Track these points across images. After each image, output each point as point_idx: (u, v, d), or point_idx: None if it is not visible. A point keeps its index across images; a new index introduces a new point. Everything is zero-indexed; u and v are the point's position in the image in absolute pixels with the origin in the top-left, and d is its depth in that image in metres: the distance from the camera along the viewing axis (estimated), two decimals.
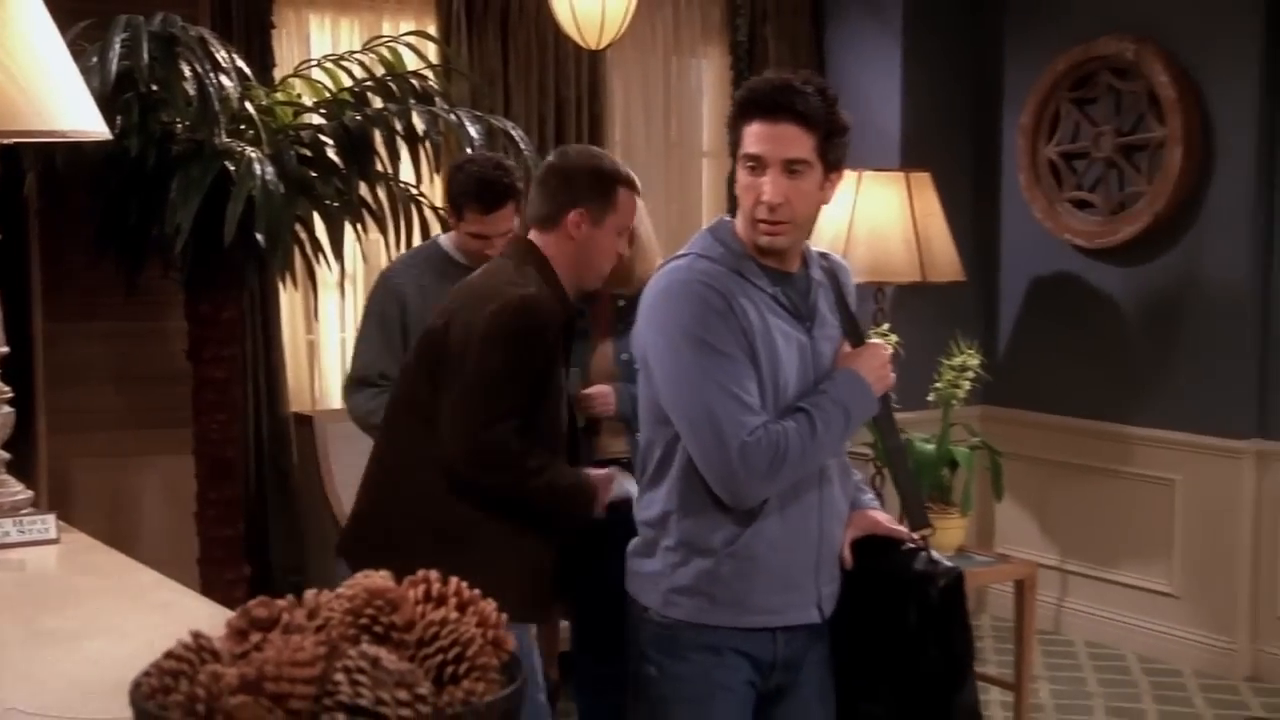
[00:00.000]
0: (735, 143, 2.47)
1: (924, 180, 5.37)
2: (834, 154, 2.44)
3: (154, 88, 3.92)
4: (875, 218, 5.27)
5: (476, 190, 3.56)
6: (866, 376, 2.51)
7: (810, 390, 2.48)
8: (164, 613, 2.38)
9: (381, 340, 3.67)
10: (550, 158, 3.06)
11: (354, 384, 3.74)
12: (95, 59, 3.75)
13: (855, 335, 2.61)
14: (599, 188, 2.94)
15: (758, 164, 2.42)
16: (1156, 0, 5.40)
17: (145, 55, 3.81)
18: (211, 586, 4.19)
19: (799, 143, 2.40)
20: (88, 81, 3.03)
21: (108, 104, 3.59)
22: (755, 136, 2.41)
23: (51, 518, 2.89)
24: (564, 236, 2.92)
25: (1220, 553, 5.32)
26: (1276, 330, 5.21)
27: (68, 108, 2.76)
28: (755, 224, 2.44)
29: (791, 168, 2.40)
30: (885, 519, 2.64)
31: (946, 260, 5.35)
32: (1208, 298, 5.33)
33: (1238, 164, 5.22)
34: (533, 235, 2.97)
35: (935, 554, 2.59)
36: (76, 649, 2.22)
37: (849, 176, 5.25)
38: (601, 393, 3.57)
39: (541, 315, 2.87)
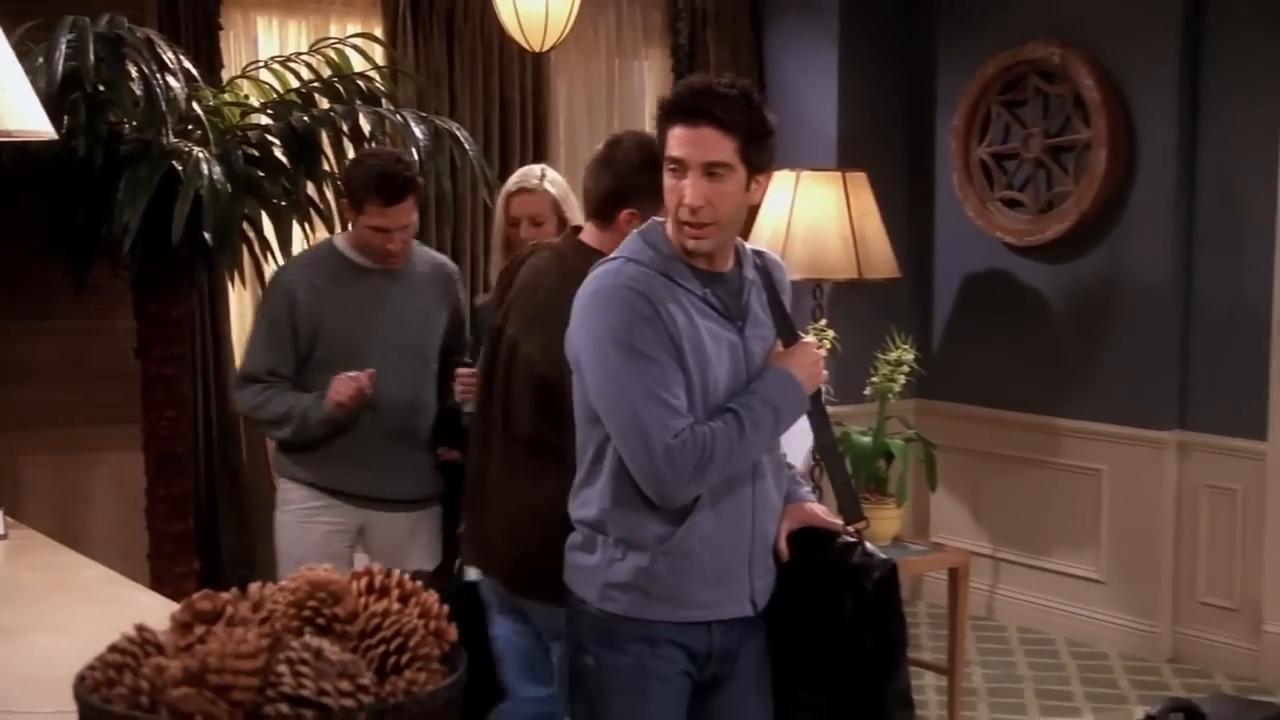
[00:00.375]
0: (661, 146, 2.46)
1: (860, 180, 5.40)
2: (757, 156, 2.43)
3: (101, 88, 3.86)
4: (813, 216, 5.30)
5: (378, 183, 3.50)
6: (797, 375, 2.50)
7: (741, 390, 2.48)
8: (111, 607, 2.36)
9: (270, 339, 3.63)
10: (600, 148, 2.91)
11: (242, 380, 3.70)
12: (41, 59, 3.70)
13: (788, 333, 2.59)
14: (649, 183, 2.71)
15: (679, 167, 2.40)
16: (1081, 6, 5.46)
17: (92, 56, 3.75)
18: (162, 581, 4.15)
19: (719, 146, 2.38)
20: (34, 82, 2.99)
21: (54, 104, 3.54)
22: (676, 140, 2.40)
23: None
24: (618, 234, 2.77)
25: (1144, 540, 5.39)
26: (1196, 326, 5.29)
27: (14, 108, 2.72)
28: (680, 226, 2.43)
29: (712, 170, 2.39)
30: (822, 511, 2.64)
31: (882, 258, 5.38)
32: (1132, 294, 5.39)
33: (1159, 165, 5.28)
34: (587, 232, 2.88)
35: (870, 546, 2.60)
36: (24, 644, 2.20)
37: (788, 176, 5.29)
38: None
39: None
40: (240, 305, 5.27)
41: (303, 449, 3.65)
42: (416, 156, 4.16)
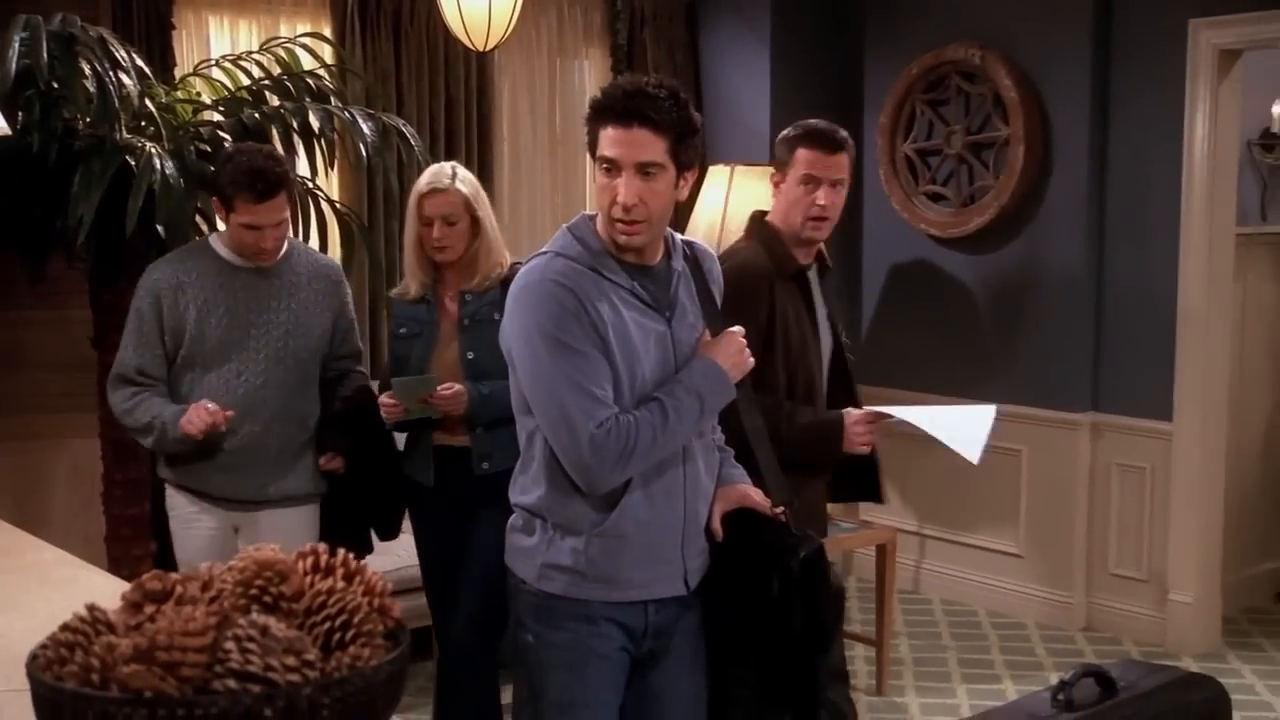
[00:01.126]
0: (592, 144, 2.44)
1: None
2: (686, 155, 2.42)
3: (54, 85, 3.81)
4: (747, 209, 5.29)
5: (248, 180, 3.30)
6: (723, 364, 2.50)
7: (670, 379, 2.48)
8: (66, 588, 2.34)
9: (138, 339, 3.45)
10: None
11: (114, 380, 3.50)
12: None
13: (716, 322, 2.59)
14: (781, 150, 3.26)
15: (613, 166, 2.39)
16: (1000, 11, 5.52)
17: (45, 54, 3.69)
18: (119, 563, 4.12)
19: (652, 147, 2.37)
20: None
21: (8, 101, 3.51)
22: (610, 141, 2.38)
23: None
24: (777, 195, 3.30)
25: (1059, 516, 5.47)
26: (1108, 314, 5.36)
27: None
28: (613, 223, 2.42)
29: (645, 170, 2.38)
30: (755, 493, 2.64)
31: None
32: (1048, 283, 5.46)
33: (1073, 161, 5.35)
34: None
35: (796, 526, 2.62)
36: None
37: (722, 170, 5.31)
38: (456, 392, 3.45)
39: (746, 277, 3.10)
40: None
41: (174, 454, 3.48)
42: (364, 153, 4.14)
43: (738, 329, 2.58)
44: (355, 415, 3.56)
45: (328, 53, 4.78)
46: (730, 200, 5.32)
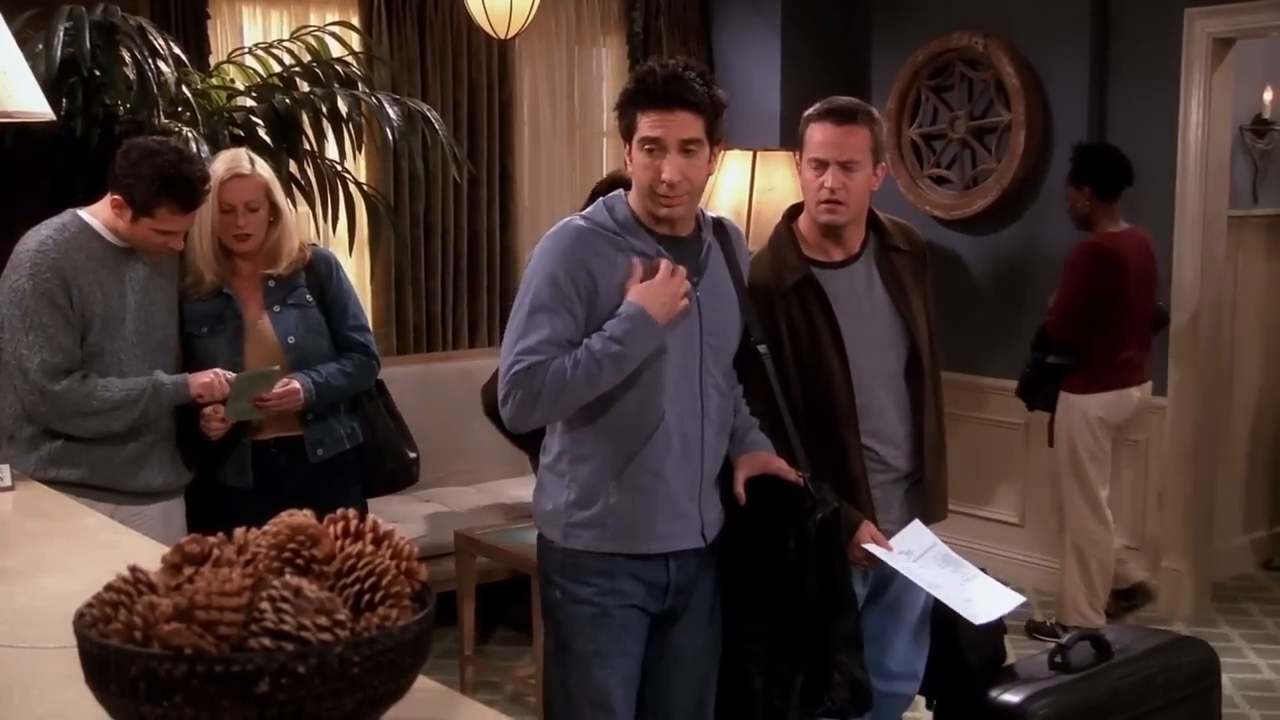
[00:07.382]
0: (629, 127, 2.48)
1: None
2: (717, 131, 2.50)
3: (96, 73, 3.83)
4: (770, 190, 5.32)
5: (179, 192, 2.97)
6: (650, 308, 2.45)
7: (696, 335, 2.53)
8: (109, 551, 2.36)
9: (64, 323, 3.01)
10: None
11: (52, 372, 3.00)
12: (41, 46, 3.67)
13: (740, 288, 2.66)
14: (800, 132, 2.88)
15: (656, 146, 2.44)
16: (1002, 0, 5.48)
17: (88, 43, 3.72)
18: None
19: (692, 126, 2.44)
20: (34, 68, 2.96)
21: (53, 88, 3.52)
22: (652, 123, 2.44)
23: (5, 467, 2.85)
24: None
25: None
26: None
27: (15, 91, 2.69)
28: (657, 198, 2.47)
29: (686, 148, 2.45)
30: (778, 460, 2.65)
31: None
32: (1047, 263, 5.43)
33: (1073, 145, 5.32)
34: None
35: (816, 491, 2.63)
36: (30, 584, 2.20)
37: (745, 156, 5.32)
38: (290, 390, 3.21)
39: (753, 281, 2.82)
40: None
41: (71, 445, 3.05)
42: (390, 136, 4.15)
43: (676, 272, 2.50)
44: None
45: (355, 41, 4.79)
46: (755, 183, 5.32)
